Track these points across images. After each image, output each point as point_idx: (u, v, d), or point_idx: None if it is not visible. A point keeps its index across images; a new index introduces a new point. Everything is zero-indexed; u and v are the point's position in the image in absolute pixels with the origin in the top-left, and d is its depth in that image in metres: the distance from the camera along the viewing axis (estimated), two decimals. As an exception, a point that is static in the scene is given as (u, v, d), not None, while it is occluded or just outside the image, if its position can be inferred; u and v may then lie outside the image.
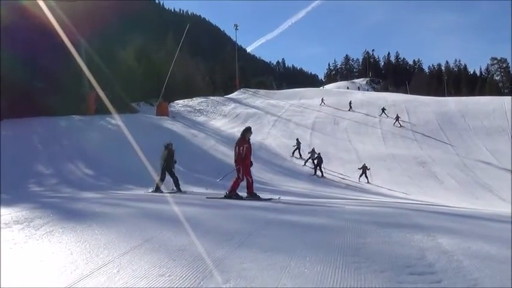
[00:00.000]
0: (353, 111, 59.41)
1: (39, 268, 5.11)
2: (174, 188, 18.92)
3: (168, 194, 16.92)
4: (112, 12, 59.42)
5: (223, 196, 13.90)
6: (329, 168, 33.55)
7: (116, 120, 39.93)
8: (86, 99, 48.07)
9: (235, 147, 14.06)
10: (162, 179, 19.07)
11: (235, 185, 13.92)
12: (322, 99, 66.91)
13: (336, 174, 32.94)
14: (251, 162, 14.18)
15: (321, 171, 32.89)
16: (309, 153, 35.78)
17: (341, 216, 9.09)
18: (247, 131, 14.38)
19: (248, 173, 13.99)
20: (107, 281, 4.42)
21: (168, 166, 19.18)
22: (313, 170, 33.57)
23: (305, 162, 36.04)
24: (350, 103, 62.72)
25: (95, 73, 39.19)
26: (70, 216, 9.05)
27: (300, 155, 37.52)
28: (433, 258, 5.04)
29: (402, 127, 50.89)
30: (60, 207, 11.12)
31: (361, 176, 32.75)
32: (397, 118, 53.39)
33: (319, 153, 33.80)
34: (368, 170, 32.83)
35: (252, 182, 14.11)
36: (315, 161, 33.77)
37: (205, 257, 5.15)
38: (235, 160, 14.12)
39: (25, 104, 39.92)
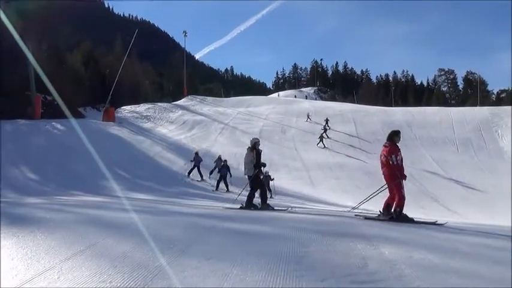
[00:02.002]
0: (329, 128, 56.35)
1: (-21, 274, 5.04)
2: (258, 204, 14.16)
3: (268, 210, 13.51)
4: (60, 15, 58.69)
5: (387, 218, 10.69)
6: (277, 176, 31.88)
7: (63, 125, 39.45)
8: (32, 103, 47.30)
9: (388, 157, 10.69)
10: (254, 191, 14.33)
11: (401, 203, 10.62)
12: (308, 115, 59.45)
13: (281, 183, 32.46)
14: (405, 175, 10.71)
15: (226, 185, 27.40)
16: (214, 162, 30.07)
17: (285, 224, 9.15)
18: (396, 135, 11.18)
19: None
20: (48, 287, 4.40)
21: (259, 173, 14.38)
22: (216, 184, 27.84)
23: (211, 172, 30.07)
24: (326, 120, 53.82)
25: (42, 76, 38.50)
26: (12, 222, 8.94)
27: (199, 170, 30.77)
28: (375, 267, 5.15)
29: (325, 148, 48.87)
30: (2, 213, 10.95)
31: None
32: (325, 131, 49.38)
33: (225, 161, 28.56)
34: (272, 180, 26.57)
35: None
36: (220, 171, 27.99)
37: (146, 264, 5.17)
38: (388, 173, 10.78)
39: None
